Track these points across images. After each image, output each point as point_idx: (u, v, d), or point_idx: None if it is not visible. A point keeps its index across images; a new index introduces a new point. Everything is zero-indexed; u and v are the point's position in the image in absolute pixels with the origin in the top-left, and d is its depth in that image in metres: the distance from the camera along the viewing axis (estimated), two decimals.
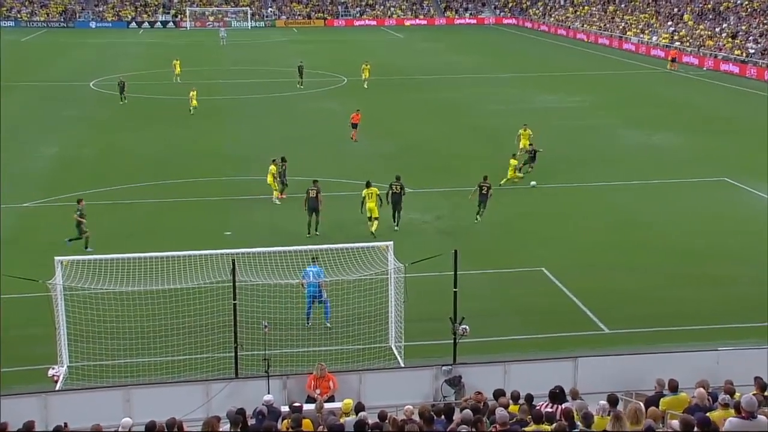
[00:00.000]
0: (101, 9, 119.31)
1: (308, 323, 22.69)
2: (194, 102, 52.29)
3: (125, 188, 34.99)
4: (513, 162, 36.30)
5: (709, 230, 30.84)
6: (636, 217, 32.59)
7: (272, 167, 33.32)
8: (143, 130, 48.10)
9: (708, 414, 13.02)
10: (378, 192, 29.90)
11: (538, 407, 14.41)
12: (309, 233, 29.40)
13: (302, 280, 22.35)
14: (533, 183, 36.13)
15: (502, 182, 35.18)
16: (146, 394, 17.95)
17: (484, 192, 31.09)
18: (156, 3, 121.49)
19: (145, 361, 20.29)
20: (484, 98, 58.42)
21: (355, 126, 44.79)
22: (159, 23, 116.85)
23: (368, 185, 29.86)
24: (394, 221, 30.38)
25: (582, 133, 47.09)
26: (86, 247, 28.23)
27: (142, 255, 21.05)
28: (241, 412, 14.74)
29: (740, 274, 26.63)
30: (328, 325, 22.58)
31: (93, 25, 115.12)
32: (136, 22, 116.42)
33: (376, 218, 29.71)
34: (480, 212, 31.19)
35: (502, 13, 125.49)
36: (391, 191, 30.33)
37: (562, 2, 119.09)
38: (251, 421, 14.99)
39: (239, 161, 40.51)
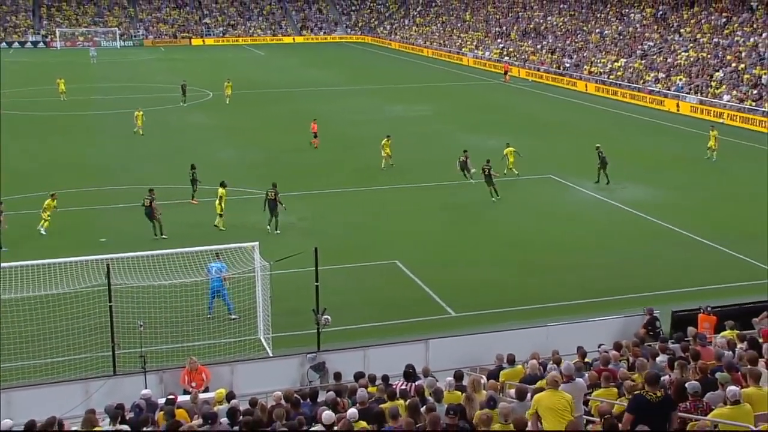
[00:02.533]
0: None
1: (210, 314, 22.28)
2: (139, 122, 48.53)
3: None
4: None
5: (539, 222, 31.91)
6: (475, 212, 33.35)
7: (50, 201, 29.96)
8: (17, 146, 45.89)
9: (538, 382, 13.55)
10: (224, 193, 30.13)
11: (393, 386, 14.58)
12: (156, 235, 29.12)
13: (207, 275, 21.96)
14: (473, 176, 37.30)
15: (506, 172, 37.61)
16: (26, 396, 17.12)
17: (487, 173, 33.58)
18: (25, 24, 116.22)
19: (25, 364, 19.40)
20: (340, 109, 58.62)
21: (315, 135, 44.85)
22: (29, 43, 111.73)
23: (222, 185, 30.24)
24: (269, 225, 30.06)
25: (427, 138, 47.89)
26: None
27: (20, 263, 20.16)
28: (119, 406, 14.30)
29: (565, 259, 27.68)
30: (233, 317, 22.15)
31: None
32: (6, 42, 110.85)
33: (220, 215, 30.08)
34: (492, 192, 33.90)
35: (353, 32, 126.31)
36: (266, 197, 30.17)
37: (406, 22, 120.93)
38: (129, 415, 14.57)
39: (111, 172, 39.27)
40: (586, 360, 16.15)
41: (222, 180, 30.81)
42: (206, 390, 17.39)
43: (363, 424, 11.81)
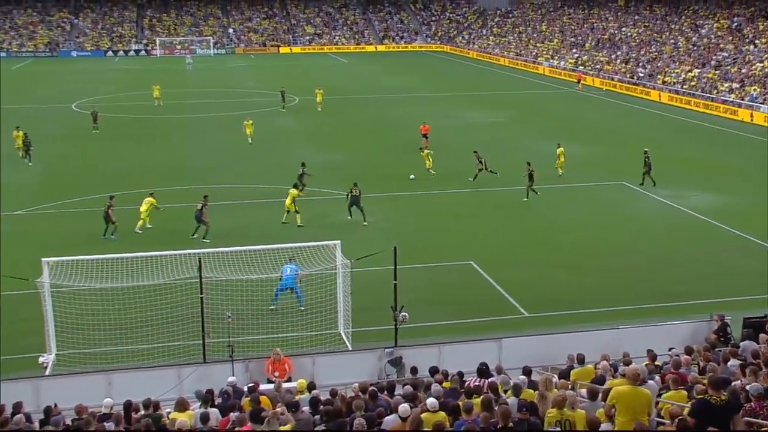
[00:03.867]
0: (81, 40, 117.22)
1: (274, 304, 22.63)
2: (249, 130, 47.80)
3: (102, 197, 34.11)
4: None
5: (611, 227, 31.33)
6: (547, 216, 32.96)
7: (150, 199, 30.71)
8: (119, 147, 47.33)
9: (608, 382, 13.28)
10: (296, 194, 30.94)
11: (468, 382, 14.50)
12: (194, 235, 29.09)
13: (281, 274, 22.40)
14: (412, 176, 37.99)
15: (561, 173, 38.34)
16: (125, 378, 17.66)
17: (529, 174, 34.39)
18: (130, 34, 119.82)
19: (124, 349, 20.00)
20: (417, 114, 58.19)
21: (425, 136, 45.35)
22: (132, 51, 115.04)
23: (295, 186, 31.31)
24: (350, 216, 31.23)
25: (500, 144, 47.46)
26: (112, 235, 28.80)
27: (120, 255, 20.78)
28: (209, 392, 14.60)
29: (634, 263, 27.13)
30: (302, 308, 22.42)
31: (74, 54, 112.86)
32: (112, 51, 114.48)
33: (296, 212, 30.59)
34: (528, 192, 34.48)
35: (432, 41, 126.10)
36: (350, 194, 31.30)
37: (484, 32, 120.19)
38: (218, 400, 14.87)
39: (201, 172, 40.04)
40: (656, 363, 15.77)
41: (295, 182, 31.59)
42: (289, 380, 17.59)
43: (442, 414, 11.81)
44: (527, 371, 14.55)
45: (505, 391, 13.23)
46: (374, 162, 42.50)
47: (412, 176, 38.22)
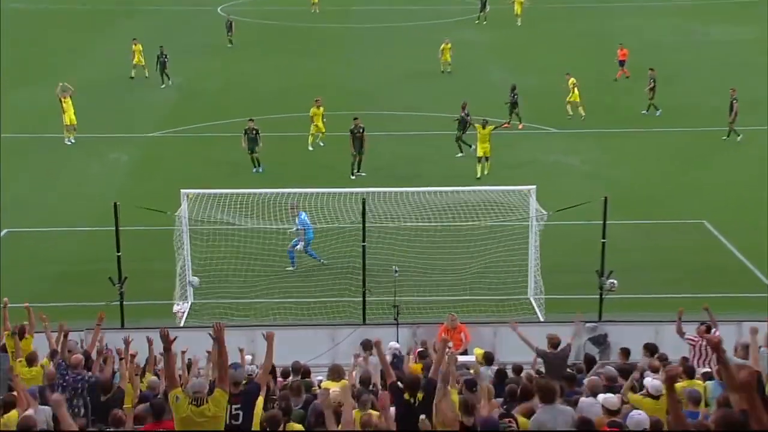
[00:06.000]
0: None
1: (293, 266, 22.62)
2: (447, 55, 45.94)
3: (246, 121, 35.19)
4: None
5: None
6: None
7: (314, 109, 32.32)
8: (268, 61, 48.50)
9: None
10: (491, 130, 30.07)
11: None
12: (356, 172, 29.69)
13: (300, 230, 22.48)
14: None
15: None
16: None
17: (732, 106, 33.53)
18: None
19: (269, 302, 20.82)
20: (635, 28, 55.57)
21: (622, 63, 44.15)
22: None
23: (484, 125, 29.94)
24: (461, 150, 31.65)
25: (756, 70, 44.36)
26: (258, 168, 30.03)
27: (269, 190, 21.52)
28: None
29: None
30: (324, 262, 22.48)
31: None
32: None
33: (486, 158, 29.88)
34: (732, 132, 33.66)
35: None
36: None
37: None
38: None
39: (363, 96, 40.44)
40: None
41: (484, 119, 30.77)
42: (464, 352, 17.72)
43: (664, 401, 11.64)
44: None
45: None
46: (582, 89, 41.20)
47: None
